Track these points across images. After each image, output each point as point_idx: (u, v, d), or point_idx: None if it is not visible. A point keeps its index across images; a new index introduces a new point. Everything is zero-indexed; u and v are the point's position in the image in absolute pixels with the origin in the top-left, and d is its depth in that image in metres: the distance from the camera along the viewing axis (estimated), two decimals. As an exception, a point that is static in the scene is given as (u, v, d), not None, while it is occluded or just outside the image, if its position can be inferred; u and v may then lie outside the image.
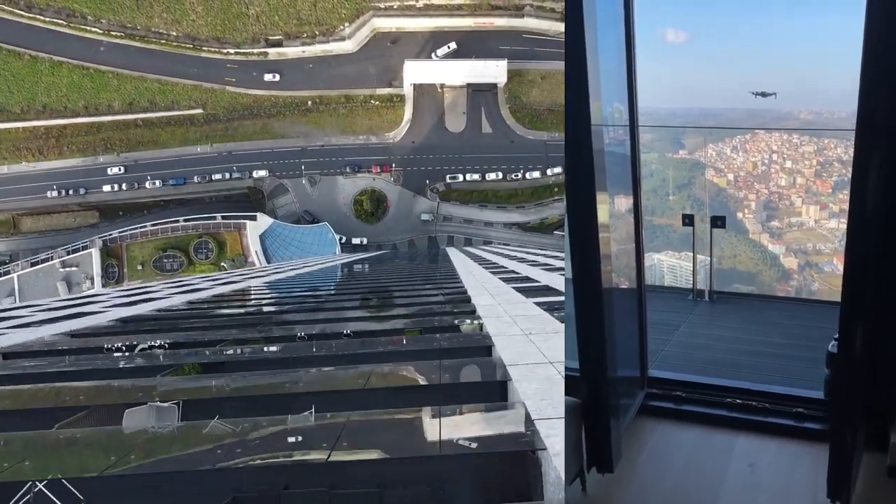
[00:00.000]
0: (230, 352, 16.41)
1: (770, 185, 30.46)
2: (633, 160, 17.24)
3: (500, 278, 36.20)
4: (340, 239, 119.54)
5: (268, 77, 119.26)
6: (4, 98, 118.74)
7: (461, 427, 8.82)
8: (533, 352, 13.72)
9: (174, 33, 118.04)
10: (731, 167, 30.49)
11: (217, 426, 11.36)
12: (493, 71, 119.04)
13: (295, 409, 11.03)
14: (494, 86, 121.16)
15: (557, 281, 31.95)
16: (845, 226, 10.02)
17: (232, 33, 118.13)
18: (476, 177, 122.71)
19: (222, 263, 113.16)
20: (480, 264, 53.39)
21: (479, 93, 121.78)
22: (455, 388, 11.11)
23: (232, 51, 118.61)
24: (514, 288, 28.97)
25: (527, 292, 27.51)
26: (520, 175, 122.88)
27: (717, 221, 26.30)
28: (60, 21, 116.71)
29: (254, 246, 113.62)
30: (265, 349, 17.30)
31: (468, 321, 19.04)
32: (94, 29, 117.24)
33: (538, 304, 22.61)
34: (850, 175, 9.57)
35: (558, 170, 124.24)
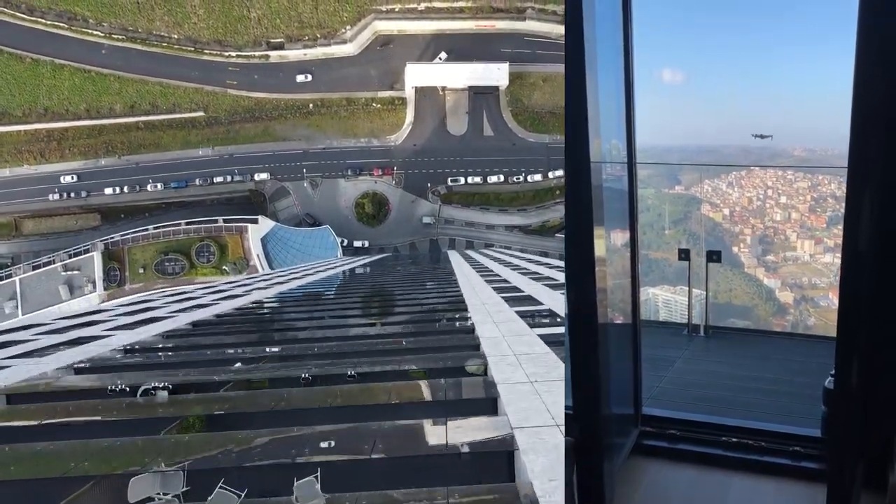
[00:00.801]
0: (233, 399, 16.39)
1: (765, 219, 30.57)
2: (631, 196, 17.26)
3: (502, 297, 36.14)
4: (342, 242, 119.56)
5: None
6: (6, 101, 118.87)
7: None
8: (539, 408, 13.68)
9: (175, 36, 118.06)
10: (727, 202, 30.62)
11: (222, 494, 11.36)
12: (495, 74, 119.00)
13: (300, 476, 11.01)
14: (496, 88, 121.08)
15: (560, 302, 31.95)
16: (840, 260, 10.07)
17: (233, 36, 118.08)
18: (478, 179, 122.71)
19: (224, 267, 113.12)
20: (483, 276, 53.34)
21: (480, 95, 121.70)
22: (461, 460, 11.08)
23: (233, 54, 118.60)
24: (517, 312, 28.91)
25: (530, 318, 27.49)
26: (521, 178, 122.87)
27: (713, 256, 26.27)
28: (62, 24, 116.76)
29: (255, 249, 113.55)
30: (269, 392, 17.29)
31: (473, 362, 19.01)
32: (95, 32, 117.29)
33: (542, 336, 22.57)
34: (843, 210, 9.66)
35: (560, 172, 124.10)
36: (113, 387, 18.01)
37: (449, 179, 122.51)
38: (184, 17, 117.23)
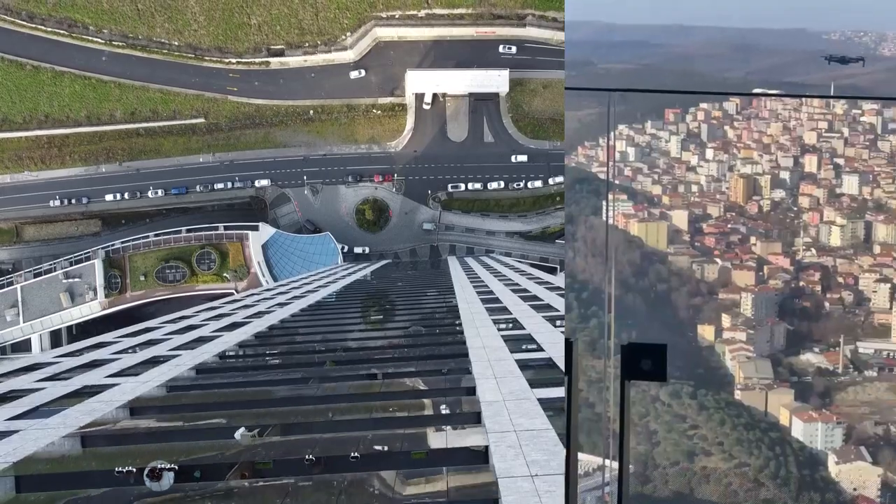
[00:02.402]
0: (236, 494, 16.67)
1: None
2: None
3: (503, 335, 36.43)
4: (342, 248, 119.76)
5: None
6: (7, 108, 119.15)
7: None
8: (539, 517, 13.97)
9: (176, 43, 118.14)
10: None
11: None
12: (495, 80, 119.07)
13: None
14: (496, 95, 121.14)
15: (559, 345, 32.30)
16: None
17: (234, 43, 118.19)
18: (478, 186, 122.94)
19: (225, 274, 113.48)
20: (483, 299, 53.63)
21: (481, 102, 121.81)
22: None
23: (234, 60, 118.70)
24: (517, 362, 29.19)
25: (532, 370, 27.82)
26: (521, 184, 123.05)
27: None
28: (62, 31, 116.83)
29: (256, 256, 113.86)
30: (273, 485, 17.57)
31: (474, 440, 19.33)
32: (96, 39, 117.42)
33: (542, 401, 22.85)
34: None
35: (559, 179, 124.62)
36: (120, 468, 18.32)
37: (449, 185, 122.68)
38: (184, 24, 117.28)
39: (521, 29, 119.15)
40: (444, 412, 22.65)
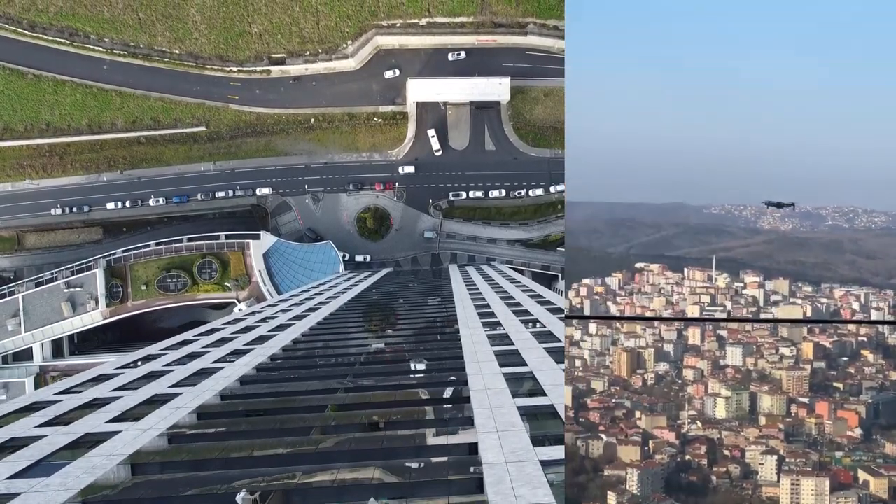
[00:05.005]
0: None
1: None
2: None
3: (504, 373, 36.37)
4: (343, 256, 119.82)
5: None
6: (8, 116, 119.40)
7: None
8: None
9: (177, 52, 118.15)
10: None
11: None
12: (497, 88, 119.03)
13: None
14: (498, 103, 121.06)
15: (560, 388, 32.39)
16: None
17: (235, 51, 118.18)
18: (479, 194, 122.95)
19: (226, 283, 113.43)
20: (484, 323, 53.60)
21: (482, 110, 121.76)
22: None
23: (235, 69, 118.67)
24: (519, 410, 29.13)
25: (532, 421, 27.81)
26: (523, 192, 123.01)
27: None
28: (64, 40, 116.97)
29: (257, 265, 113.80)
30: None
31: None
32: (97, 48, 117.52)
33: (544, 463, 22.84)
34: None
35: (561, 187, 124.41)
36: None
37: (450, 194, 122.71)
38: (185, 33, 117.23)
39: (522, 37, 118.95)
40: (446, 478, 22.58)
